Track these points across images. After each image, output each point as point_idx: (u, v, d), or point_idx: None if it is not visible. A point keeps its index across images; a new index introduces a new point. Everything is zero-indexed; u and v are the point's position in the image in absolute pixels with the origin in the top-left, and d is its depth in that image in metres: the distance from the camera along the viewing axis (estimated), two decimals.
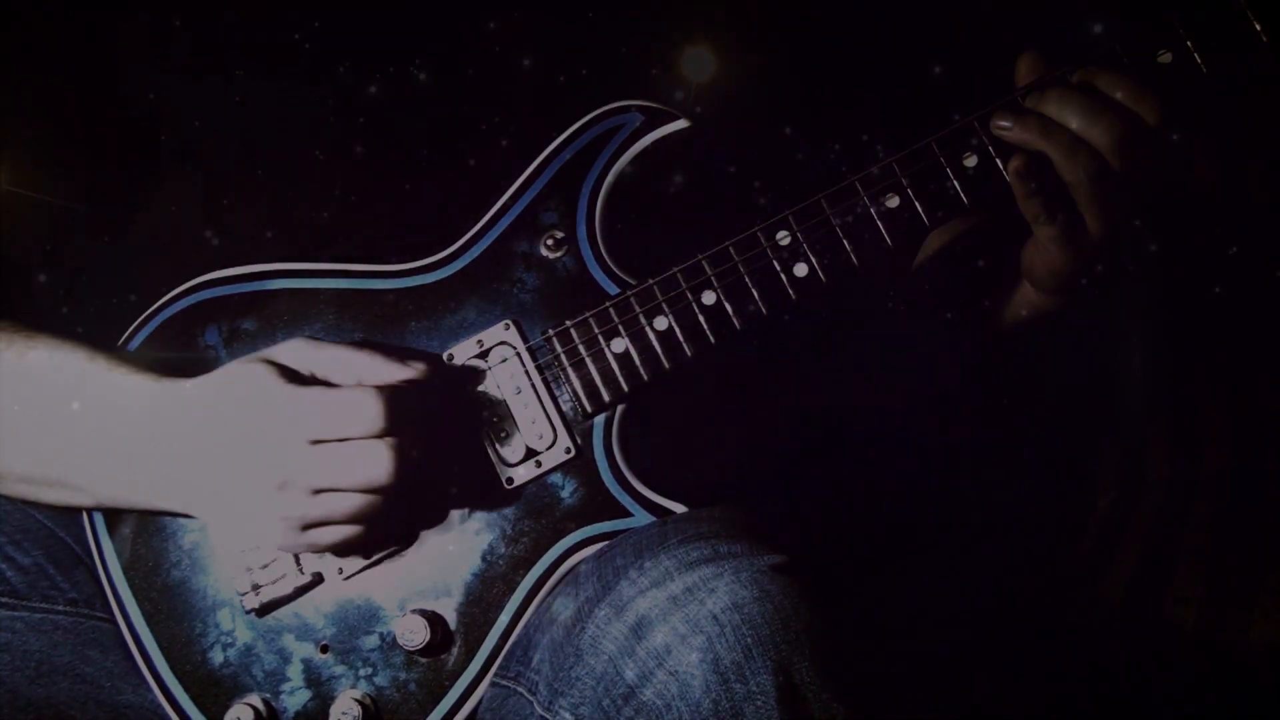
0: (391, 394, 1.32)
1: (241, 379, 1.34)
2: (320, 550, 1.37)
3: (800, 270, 1.48)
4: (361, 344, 1.44)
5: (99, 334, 1.49)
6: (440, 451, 1.42)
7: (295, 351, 1.38)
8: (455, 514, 1.48)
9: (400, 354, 1.40)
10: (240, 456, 1.32)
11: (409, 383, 1.38)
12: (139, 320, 1.51)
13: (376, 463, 1.30)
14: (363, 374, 1.37)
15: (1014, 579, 1.93)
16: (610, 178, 1.51)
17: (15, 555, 1.52)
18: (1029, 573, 1.94)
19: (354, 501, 1.32)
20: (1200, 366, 1.91)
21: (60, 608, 1.53)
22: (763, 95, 1.67)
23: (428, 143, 1.65)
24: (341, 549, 1.39)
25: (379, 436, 1.30)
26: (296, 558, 1.46)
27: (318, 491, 1.31)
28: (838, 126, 1.65)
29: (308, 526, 1.33)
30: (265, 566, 1.45)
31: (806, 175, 1.53)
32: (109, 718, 1.52)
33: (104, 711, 1.52)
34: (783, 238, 1.48)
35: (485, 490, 1.48)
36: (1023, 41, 1.50)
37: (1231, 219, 1.77)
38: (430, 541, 1.47)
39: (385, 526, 1.38)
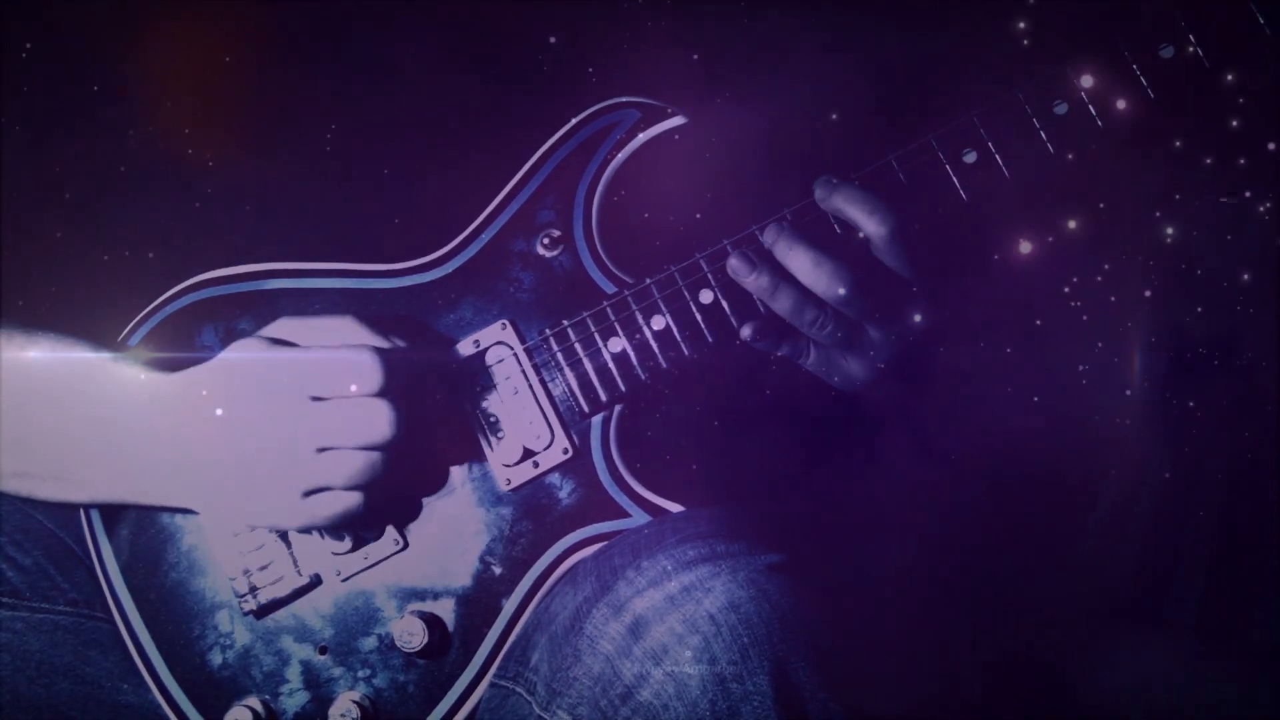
0: (387, 355, 1.34)
1: (236, 353, 1.36)
2: (321, 522, 1.36)
3: None
4: (346, 317, 1.44)
5: (97, 334, 1.49)
6: (433, 449, 1.43)
7: (283, 328, 1.40)
8: (453, 515, 1.47)
9: (384, 326, 1.42)
10: (242, 422, 1.33)
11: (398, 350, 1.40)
12: (136, 320, 1.51)
13: (377, 418, 1.32)
14: (350, 341, 1.38)
15: (1014, 579, 1.93)
16: (607, 175, 1.51)
17: (15, 555, 1.53)
18: (1029, 573, 1.94)
19: (355, 461, 1.33)
20: (1199, 366, 1.91)
21: (61, 608, 1.53)
22: (760, 89, 1.66)
23: (423, 140, 1.64)
24: (342, 522, 1.38)
25: (377, 395, 1.33)
26: (294, 560, 1.46)
27: (320, 450, 1.32)
28: (835, 120, 1.65)
29: (309, 493, 1.34)
30: (263, 568, 1.45)
31: (805, 171, 1.53)
32: (109, 718, 1.52)
33: (104, 712, 1.52)
34: None
35: (483, 491, 1.48)
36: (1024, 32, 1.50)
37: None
38: (428, 543, 1.47)
39: (383, 495, 1.38)
